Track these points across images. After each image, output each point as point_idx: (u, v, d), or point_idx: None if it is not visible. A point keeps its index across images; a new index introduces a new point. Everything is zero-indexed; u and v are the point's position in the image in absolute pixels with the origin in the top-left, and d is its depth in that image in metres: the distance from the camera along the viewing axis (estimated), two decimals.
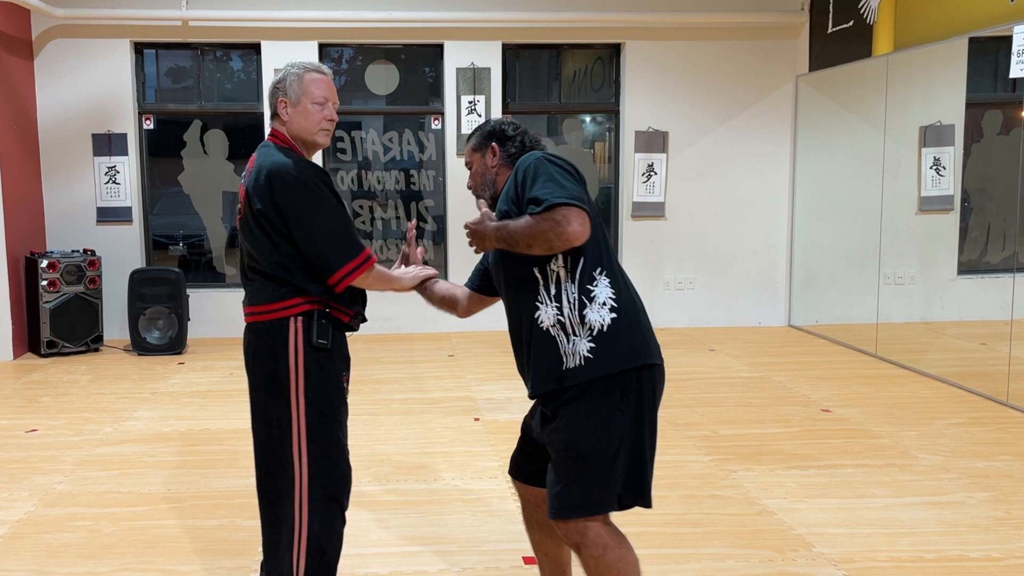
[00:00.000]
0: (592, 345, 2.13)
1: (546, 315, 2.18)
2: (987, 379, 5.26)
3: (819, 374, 5.83)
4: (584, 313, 2.15)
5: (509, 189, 2.26)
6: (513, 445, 2.55)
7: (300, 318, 2.31)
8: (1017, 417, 4.77)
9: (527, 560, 3.05)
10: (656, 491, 2.47)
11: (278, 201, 2.28)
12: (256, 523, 3.38)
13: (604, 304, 2.15)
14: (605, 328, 2.14)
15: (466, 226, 2.31)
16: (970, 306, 6.07)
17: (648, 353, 2.18)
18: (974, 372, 5.50)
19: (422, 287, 2.68)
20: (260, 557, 3.09)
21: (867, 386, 5.49)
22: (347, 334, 2.47)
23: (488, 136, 2.44)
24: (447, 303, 2.66)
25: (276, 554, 2.40)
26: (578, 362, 2.13)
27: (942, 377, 5.61)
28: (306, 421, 2.31)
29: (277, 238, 2.30)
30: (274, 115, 2.49)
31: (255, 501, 3.59)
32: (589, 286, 2.16)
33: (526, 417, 2.47)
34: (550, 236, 2.08)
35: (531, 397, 2.27)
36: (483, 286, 2.61)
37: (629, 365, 2.13)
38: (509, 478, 2.52)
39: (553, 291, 2.18)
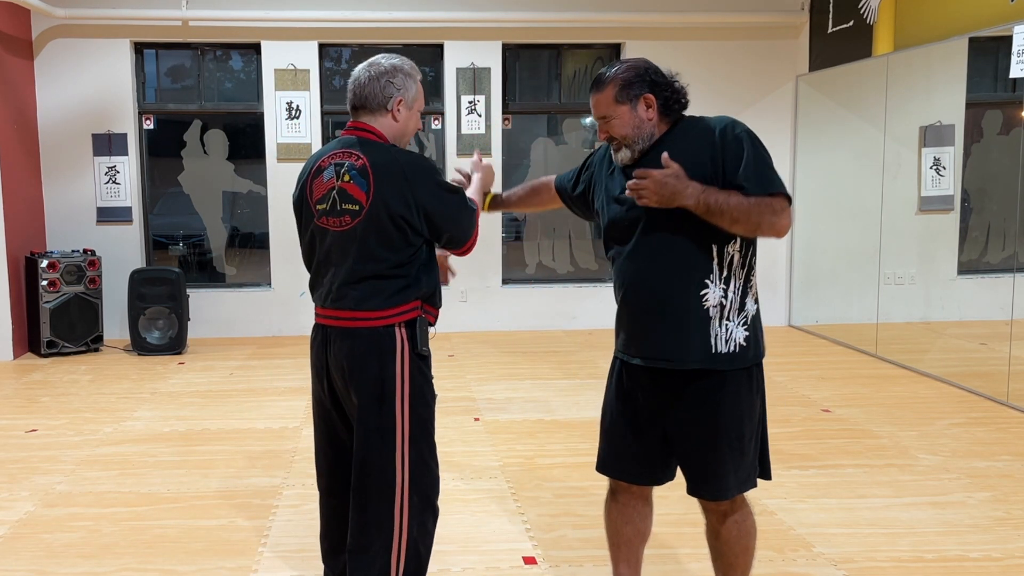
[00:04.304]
0: (747, 334, 2.21)
1: (713, 295, 2.17)
2: (987, 379, 5.26)
3: (819, 374, 5.83)
4: (745, 301, 2.21)
5: (703, 151, 2.14)
6: (513, 445, 2.55)
7: (404, 326, 2.32)
8: (1017, 417, 4.77)
9: (527, 560, 3.05)
10: (657, 491, 2.48)
11: (422, 201, 2.28)
12: (256, 523, 3.40)
13: (755, 296, 2.25)
14: (753, 319, 2.24)
15: (651, 175, 2.09)
16: (970, 306, 6.08)
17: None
18: (974, 372, 5.50)
19: (499, 202, 2.77)
20: (259, 557, 3.10)
21: (867, 386, 5.49)
22: None
23: (639, 83, 2.21)
24: (533, 194, 2.70)
25: (366, 555, 2.36)
26: (733, 348, 2.19)
27: (942, 377, 5.61)
28: (409, 428, 2.33)
29: (414, 237, 2.30)
30: (371, 108, 2.35)
31: (255, 501, 3.62)
32: (751, 276, 2.24)
33: (613, 409, 2.38)
34: (763, 223, 2.10)
35: (655, 366, 2.22)
36: (574, 197, 2.56)
37: (763, 357, 2.27)
38: (508, 479, 2.51)
39: (724, 274, 2.19)
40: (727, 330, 2.19)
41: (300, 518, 3.43)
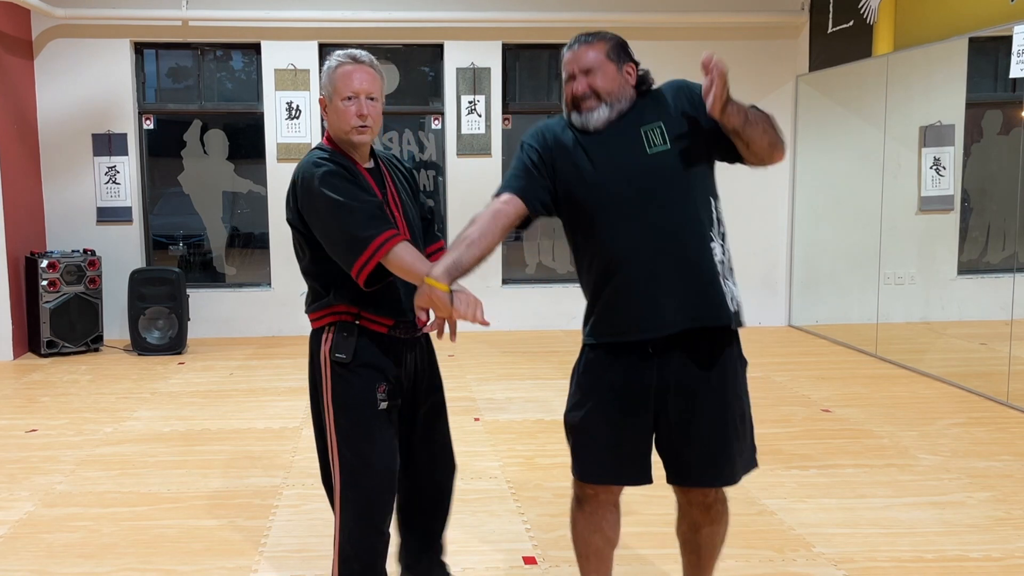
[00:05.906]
0: (739, 292, 2.17)
1: (718, 250, 2.13)
2: (987, 379, 5.26)
3: (819, 374, 5.83)
4: (732, 261, 2.19)
5: (686, 105, 2.14)
6: (513, 445, 2.54)
7: (332, 328, 2.33)
8: (1017, 417, 4.77)
9: (527, 560, 3.05)
10: (657, 491, 2.46)
11: (299, 207, 2.28)
12: (256, 523, 3.39)
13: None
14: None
15: (720, 67, 1.94)
16: (970, 306, 6.07)
17: None
18: (974, 372, 5.50)
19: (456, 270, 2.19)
20: (259, 557, 3.10)
21: (867, 386, 5.49)
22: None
23: (627, 53, 2.22)
24: (489, 251, 2.18)
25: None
26: (736, 307, 2.15)
27: (942, 377, 5.61)
28: (336, 432, 2.34)
29: (305, 245, 2.32)
30: None
31: (255, 501, 3.62)
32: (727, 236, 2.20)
33: (599, 405, 2.20)
34: (776, 141, 2.09)
35: (684, 328, 2.07)
36: (544, 205, 2.20)
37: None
38: (508, 479, 2.51)
39: (720, 229, 2.16)
40: (730, 289, 2.14)
41: (300, 518, 3.43)
